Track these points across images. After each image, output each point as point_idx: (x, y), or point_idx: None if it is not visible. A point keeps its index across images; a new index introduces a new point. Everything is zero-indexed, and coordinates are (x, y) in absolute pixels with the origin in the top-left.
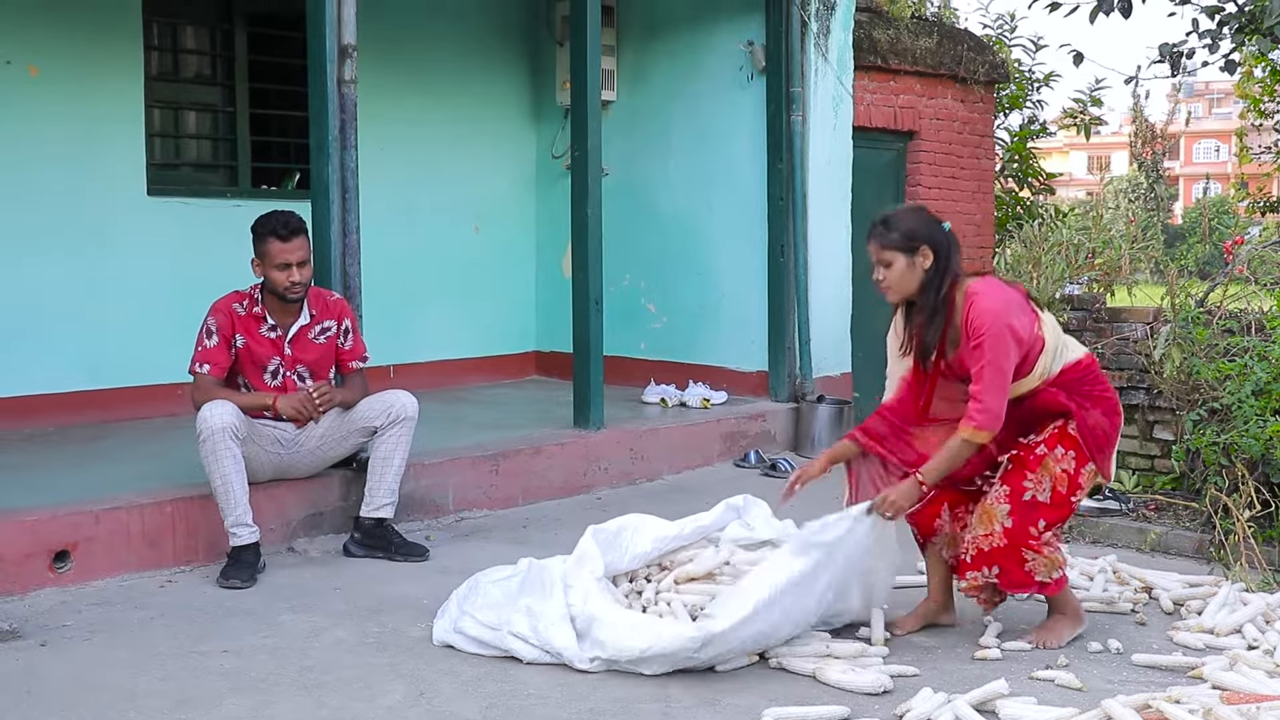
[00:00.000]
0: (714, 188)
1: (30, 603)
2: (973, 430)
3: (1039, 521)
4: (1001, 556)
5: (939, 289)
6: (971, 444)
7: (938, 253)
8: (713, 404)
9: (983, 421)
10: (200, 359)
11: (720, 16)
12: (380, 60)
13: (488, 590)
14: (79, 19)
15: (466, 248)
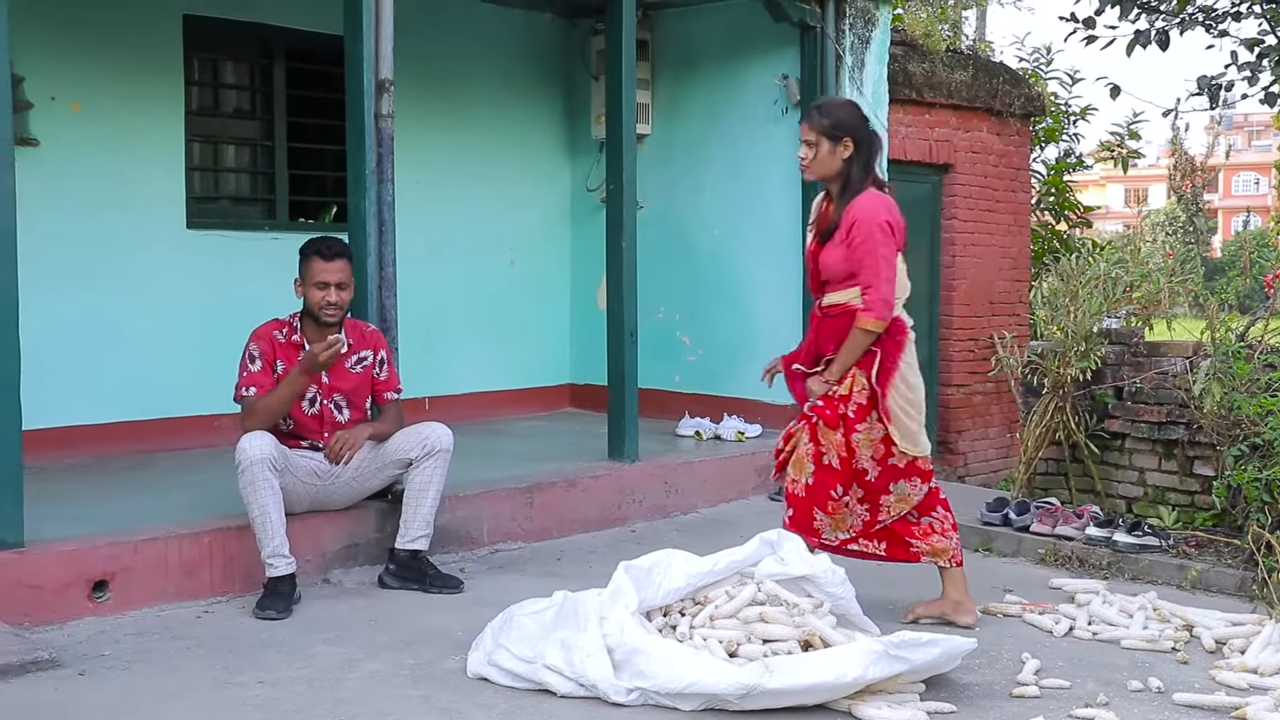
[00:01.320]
0: (748, 220)
1: (69, 632)
2: (870, 320)
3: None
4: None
5: (852, 177)
6: (869, 332)
7: (859, 146)
8: (747, 437)
9: (877, 310)
10: (246, 384)
11: (754, 51)
12: (417, 94)
13: (522, 623)
14: (121, 55)
15: (502, 280)
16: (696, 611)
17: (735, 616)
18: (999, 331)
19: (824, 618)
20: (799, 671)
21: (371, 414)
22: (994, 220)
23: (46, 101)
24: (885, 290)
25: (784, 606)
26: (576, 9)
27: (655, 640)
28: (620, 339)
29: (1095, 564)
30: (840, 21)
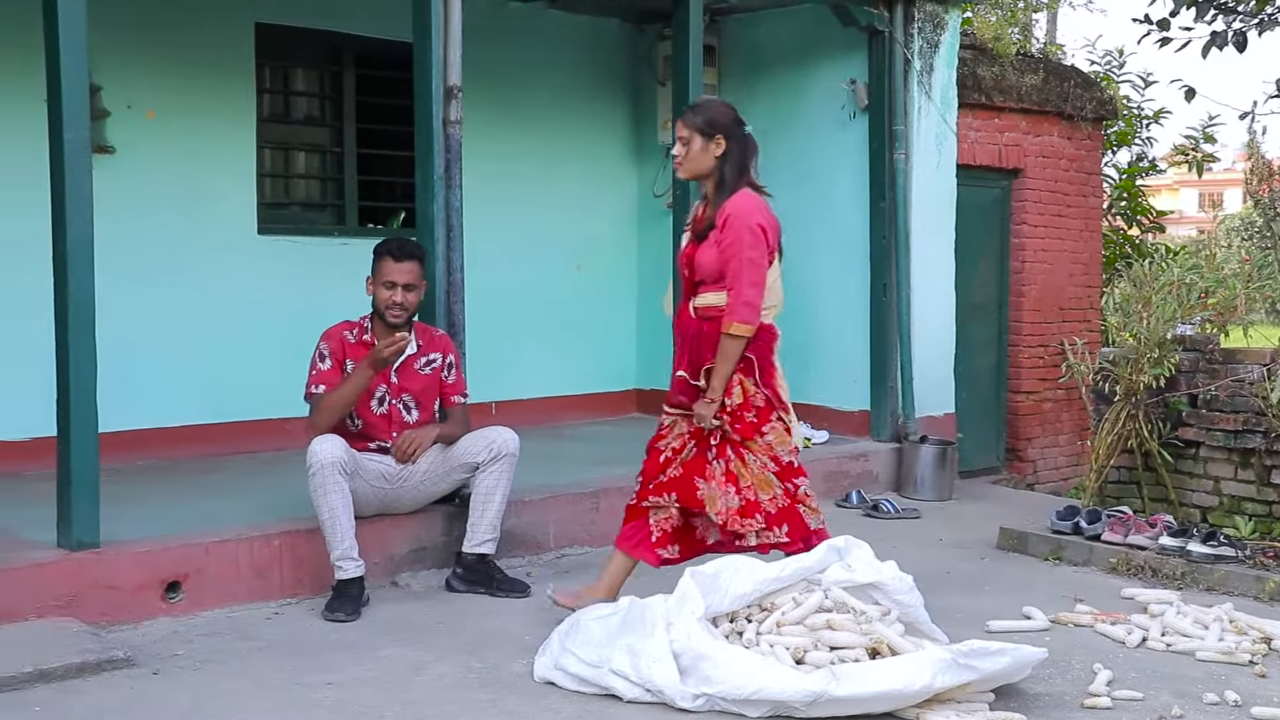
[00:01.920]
0: (815, 226)
1: (144, 632)
2: (736, 325)
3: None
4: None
5: (725, 176)
6: (737, 339)
7: (731, 144)
8: (814, 443)
9: (742, 314)
10: (315, 381)
11: (822, 55)
12: (484, 100)
13: (589, 628)
14: (195, 64)
15: (568, 286)
16: (763, 618)
17: (802, 623)
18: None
19: (892, 625)
20: (867, 679)
21: (439, 417)
22: (1065, 225)
23: (123, 110)
24: (750, 294)
25: (851, 613)
26: (644, 15)
27: (722, 646)
28: None
29: (1169, 574)
30: (909, 26)
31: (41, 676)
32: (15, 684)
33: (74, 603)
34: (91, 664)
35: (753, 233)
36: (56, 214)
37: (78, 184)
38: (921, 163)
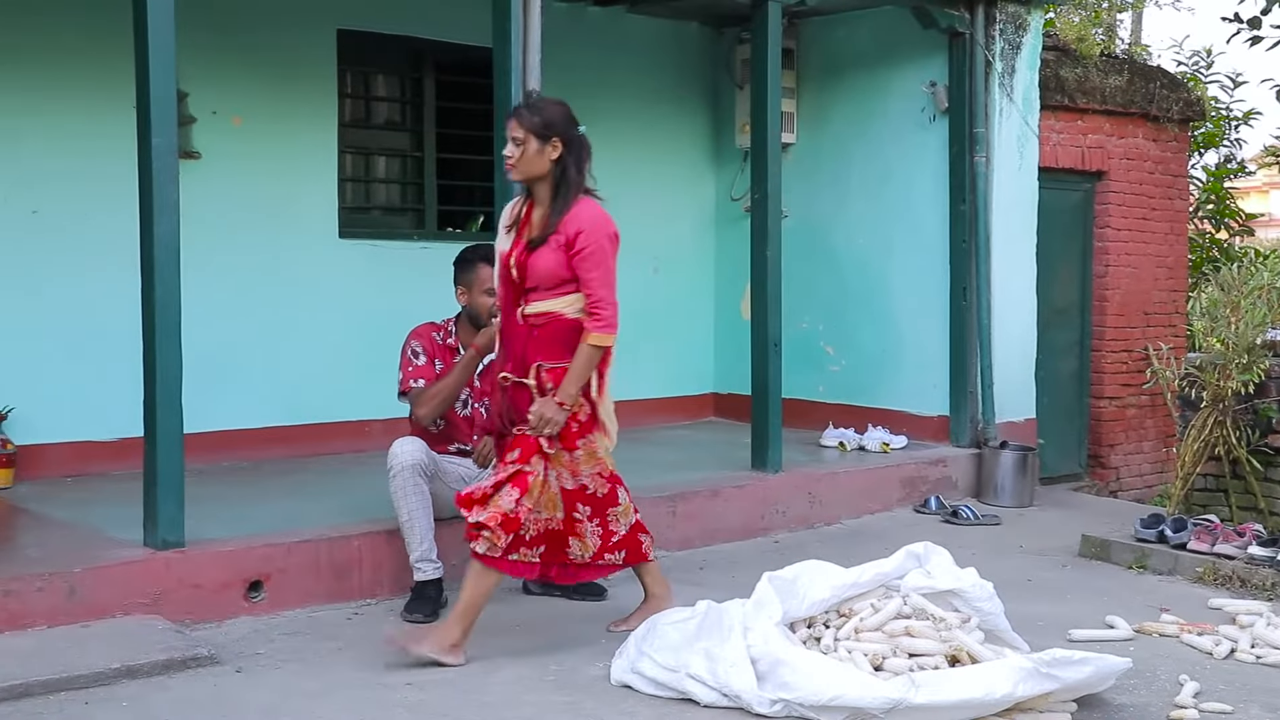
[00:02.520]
0: (894, 229)
1: (227, 630)
2: (602, 334)
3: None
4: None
5: (565, 180)
6: (599, 348)
7: (568, 147)
8: (892, 448)
9: (611, 324)
10: (413, 376)
11: (902, 58)
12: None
13: (665, 632)
14: (279, 71)
15: (646, 289)
16: (841, 624)
17: (881, 630)
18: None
19: (971, 633)
20: (946, 687)
21: None
22: (1150, 228)
23: (208, 116)
24: (614, 304)
25: (931, 620)
26: (722, 18)
27: (799, 652)
28: (764, 349)
29: (1258, 584)
30: (990, 27)
31: (129, 672)
32: (104, 679)
33: (159, 601)
34: (177, 661)
35: (611, 241)
36: (144, 218)
37: (164, 189)
38: (1002, 165)
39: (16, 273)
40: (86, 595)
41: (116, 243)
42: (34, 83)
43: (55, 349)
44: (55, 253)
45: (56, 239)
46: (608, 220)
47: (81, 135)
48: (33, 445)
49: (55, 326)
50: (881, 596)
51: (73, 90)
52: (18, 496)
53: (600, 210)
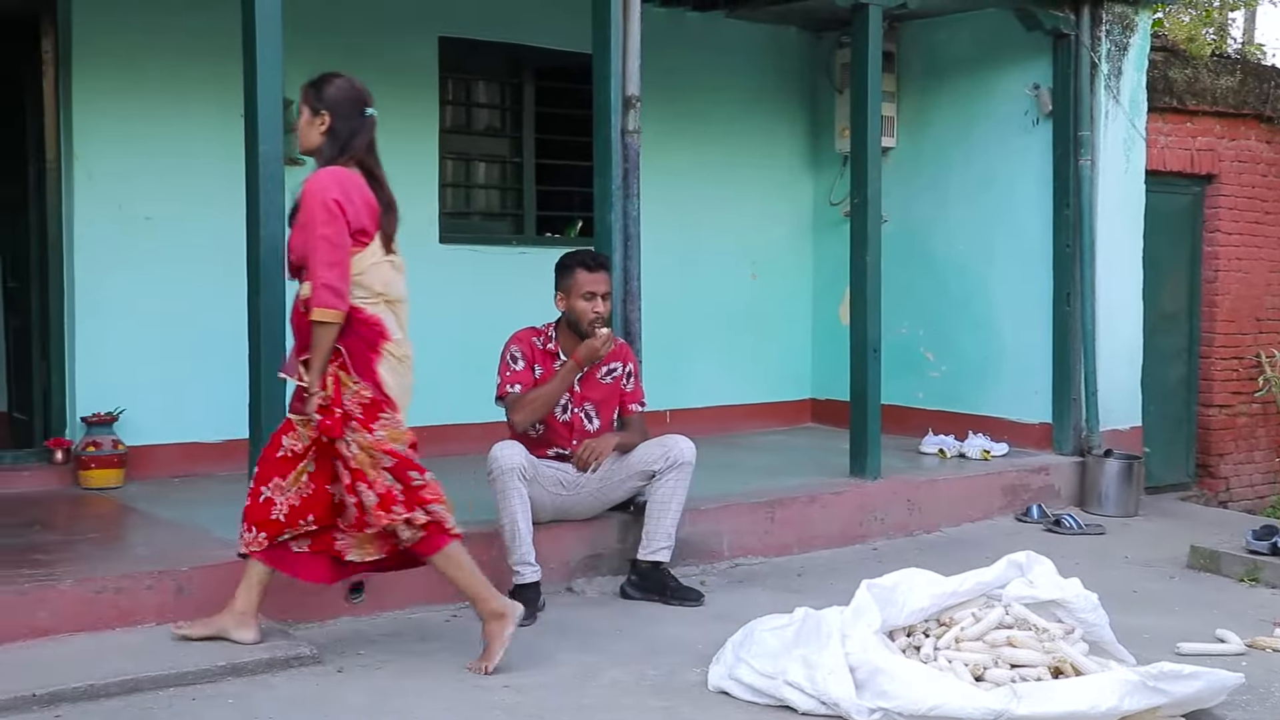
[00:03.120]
0: (996, 234)
1: (329, 630)
2: (315, 310)
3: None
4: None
5: (323, 152)
6: (323, 325)
7: (336, 121)
8: (993, 456)
9: (321, 298)
10: (511, 381)
11: (1004, 60)
12: (661, 109)
13: (763, 638)
14: (382, 78)
15: (743, 294)
16: (941, 633)
17: (982, 639)
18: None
19: (1075, 644)
20: (1050, 699)
21: (616, 425)
22: (1263, 233)
23: None
24: (327, 275)
25: (1033, 631)
26: (821, 22)
27: (899, 660)
28: (863, 354)
29: None
30: (1096, 28)
31: (234, 670)
32: (210, 676)
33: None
34: (280, 660)
35: (326, 208)
36: (250, 223)
37: (271, 194)
38: (1108, 169)
39: (130, 277)
40: (194, 594)
41: (224, 247)
42: (149, 90)
43: (165, 352)
44: (166, 257)
45: (168, 244)
46: (329, 185)
47: (192, 141)
48: (142, 446)
49: (165, 330)
50: (983, 606)
51: (185, 97)
52: (128, 496)
53: (328, 177)
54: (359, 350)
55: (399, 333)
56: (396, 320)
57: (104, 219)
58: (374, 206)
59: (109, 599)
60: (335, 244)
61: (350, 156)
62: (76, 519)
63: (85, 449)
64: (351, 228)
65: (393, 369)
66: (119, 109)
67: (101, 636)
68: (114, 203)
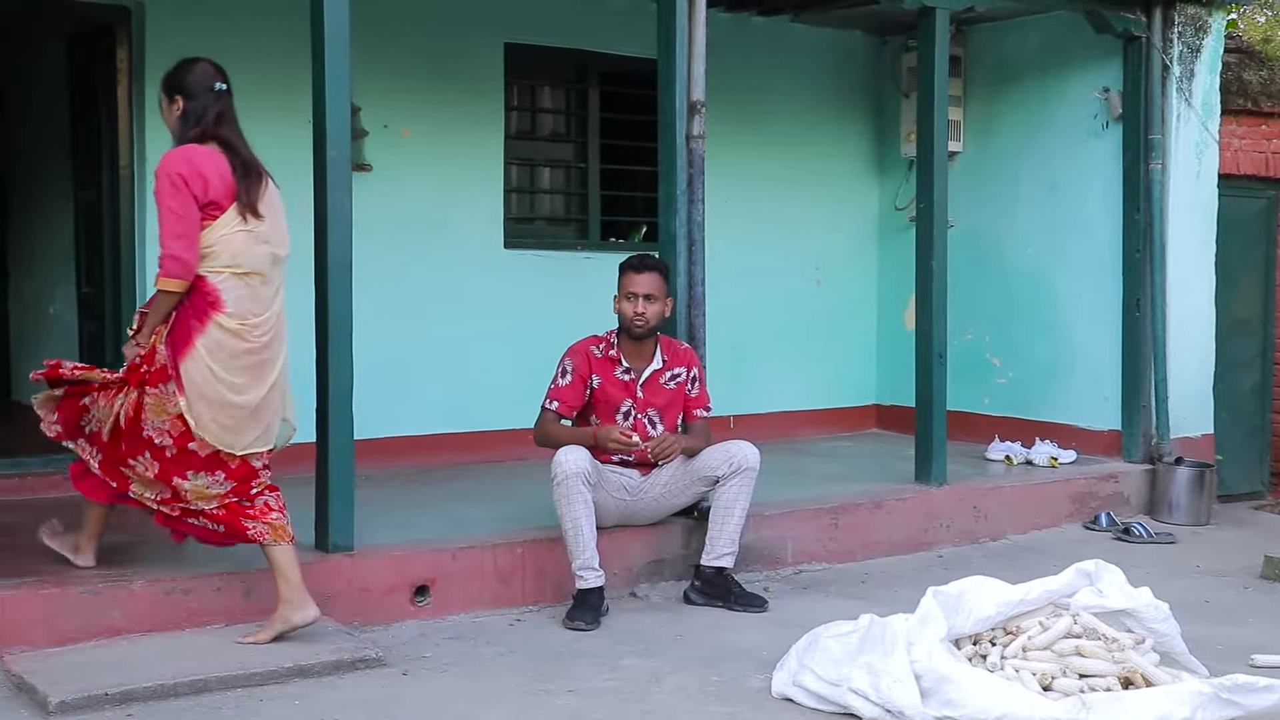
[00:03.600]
0: (1064, 239)
1: (394, 633)
2: (160, 278)
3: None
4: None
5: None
6: (166, 293)
7: (189, 102)
8: (1061, 463)
9: (168, 268)
10: (551, 396)
11: (1073, 64)
12: (725, 114)
13: (827, 645)
14: (448, 84)
15: (808, 300)
16: (1008, 641)
17: (1049, 649)
18: None
19: (1146, 655)
20: (1119, 710)
21: (680, 430)
22: None
23: (379, 129)
24: (172, 246)
25: (1102, 640)
26: (887, 26)
27: (965, 669)
28: (929, 360)
29: None
30: (1168, 30)
31: (300, 672)
32: (277, 678)
33: (329, 603)
34: (346, 662)
35: (171, 183)
36: (318, 229)
37: (339, 201)
38: (1179, 173)
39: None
40: (261, 596)
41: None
42: None
43: None
44: None
45: None
46: (175, 161)
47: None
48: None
49: None
50: (1050, 615)
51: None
52: None
53: (177, 153)
54: (184, 319)
55: (248, 304)
56: (251, 292)
57: None
58: (228, 180)
59: (178, 600)
60: (180, 216)
61: (205, 133)
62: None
63: None
64: (200, 201)
65: (218, 342)
66: None
67: (171, 636)
68: None
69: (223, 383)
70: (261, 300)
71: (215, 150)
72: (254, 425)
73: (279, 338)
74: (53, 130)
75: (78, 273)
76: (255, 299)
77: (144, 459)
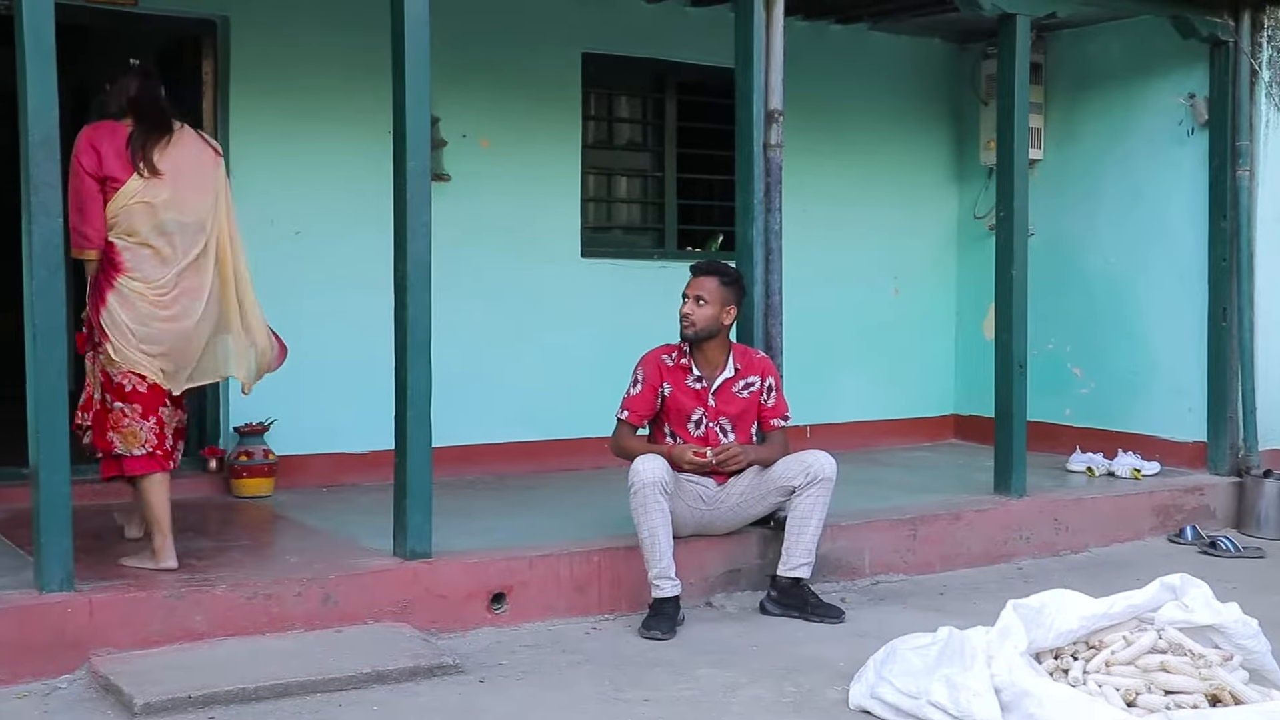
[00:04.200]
0: (1147, 247)
1: (470, 640)
2: (74, 251)
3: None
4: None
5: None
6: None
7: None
8: (1144, 475)
9: (73, 241)
10: (624, 406)
11: (1157, 69)
12: (802, 122)
13: (906, 657)
14: (527, 94)
15: (885, 309)
16: (1090, 656)
17: (1133, 664)
18: None
19: (1234, 672)
20: None
21: (757, 439)
22: None
23: (458, 139)
24: (74, 220)
25: (1188, 656)
26: (966, 33)
27: (1046, 683)
28: (1009, 370)
29: None
30: (1257, 34)
31: (379, 678)
32: (356, 683)
33: (407, 609)
34: (424, 668)
35: (73, 164)
36: (398, 238)
37: (418, 210)
38: (1268, 180)
39: (280, 291)
40: (340, 601)
41: (371, 262)
42: (300, 109)
43: (313, 364)
44: (315, 271)
45: (316, 258)
46: (77, 143)
47: (340, 158)
48: (292, 455)
49: (314, 342)
50: (1134, 629)
51: (333, 116)
52: (278, 504)
53: (84, 132)
54: (97, 281)
55: (149, 269)
56: (152, 256)
57: (256, 234)
58: (123, 154)
59: (260, 604)
60: (78, 192)
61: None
62: (229, 526)
63: (238, 458)
64: (96, 175)
65: (127, 300)
66: (271, 128)
67: (252, 640)
68: (266, 218)
69: (136, 334)
70: (167, 263)
71: (122, 124)
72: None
73: (188, 295)
74: None
75: None
76: (158, 263)
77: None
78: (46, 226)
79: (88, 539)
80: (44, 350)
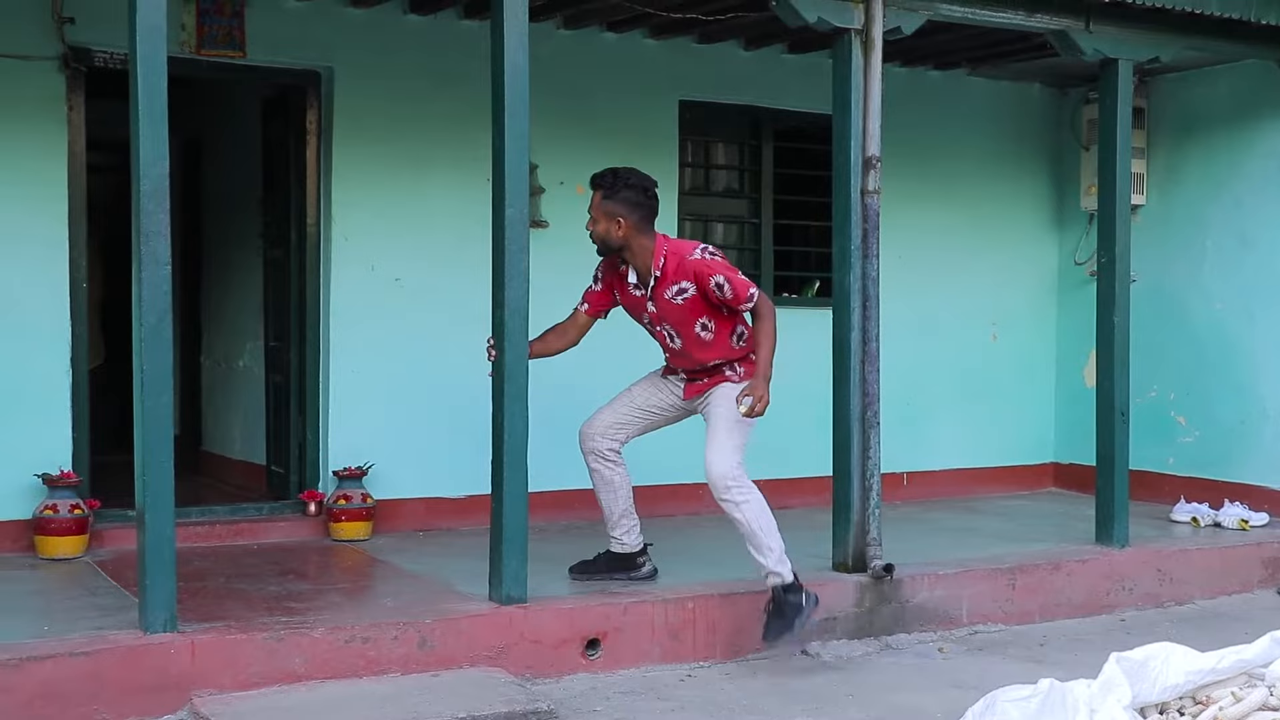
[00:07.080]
0: (1256, 295)
1: (565, 686)
2: None
3: None
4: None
5: None
6: None
7: None
8: (1252, 525)
9: None
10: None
11: (1264, 112)
12: (899, 167)
13: (1005, 709)
14: (624, 141)
15: (983, 355)
16: (1197, 712)
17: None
18: None
19: None
20: None
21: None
22: None
23: (555, 186)
24: None
25: None
26: (1066, 78)
27: None
28: (1110, 418)
29: None
30: None
31: None
32: None
33: (502, 654)
34: (518, 714)
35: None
36: (496, 285)
37: (516, 257)
38: None
39: (380, 337)
40: (436, 646)
41: (468, 308)
42: (401, 158)
43: (412, 409)
44: (414, 318)
45: (415, 305)
46: None
47: (440, 206)
48: (389, 500)
49: (412, 387)
50: (1244, 685)
51: (433, 165)
52: (375, 548)
53: None
54: None
55: None
56: None
57: (357, 280)
58: None
59: (357, 648)
60: None
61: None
62: (327, 569)
63: (336, 502)
64: None
65: None
66: (373, 177)
67: (349, 684)
68: (366, 265)
69: None
70: None
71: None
72: None
73: None
74: (246, 190)
75: (265, 328)
76: None
77: None
78: (155, 274)
79: (191, 580)
80: (151, 396)
